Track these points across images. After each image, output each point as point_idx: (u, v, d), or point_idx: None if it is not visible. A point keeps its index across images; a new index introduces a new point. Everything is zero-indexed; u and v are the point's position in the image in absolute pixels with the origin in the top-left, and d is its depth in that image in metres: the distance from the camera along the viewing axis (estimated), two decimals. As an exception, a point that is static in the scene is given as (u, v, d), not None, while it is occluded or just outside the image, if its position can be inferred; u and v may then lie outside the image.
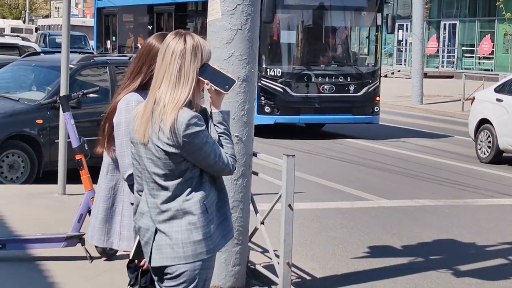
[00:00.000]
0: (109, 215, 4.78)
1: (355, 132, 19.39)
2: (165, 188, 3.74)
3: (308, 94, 18.20)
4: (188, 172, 3.72)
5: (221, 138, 3.78)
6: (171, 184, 3.72)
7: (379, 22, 19.07)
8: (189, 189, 3.72)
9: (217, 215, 3.80)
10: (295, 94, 18.03)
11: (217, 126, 3.78)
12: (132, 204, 4.28)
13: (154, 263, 3.78)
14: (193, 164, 3.71)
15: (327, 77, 18.26)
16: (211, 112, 3.80)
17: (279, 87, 17.89)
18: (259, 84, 17.35)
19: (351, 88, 18.44)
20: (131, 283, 4.06)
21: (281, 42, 18.62)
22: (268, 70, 17.92)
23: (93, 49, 28.66)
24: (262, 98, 17.80)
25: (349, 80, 18.47)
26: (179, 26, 19.84)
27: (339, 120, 18.85)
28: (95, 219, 4.83)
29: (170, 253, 3.73)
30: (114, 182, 4.75)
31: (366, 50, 19.99)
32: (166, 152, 3.69)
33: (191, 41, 3.74)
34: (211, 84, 3.74)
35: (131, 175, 4.22)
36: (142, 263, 4.00)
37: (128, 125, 3.97)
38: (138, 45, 23.66)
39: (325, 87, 18.17)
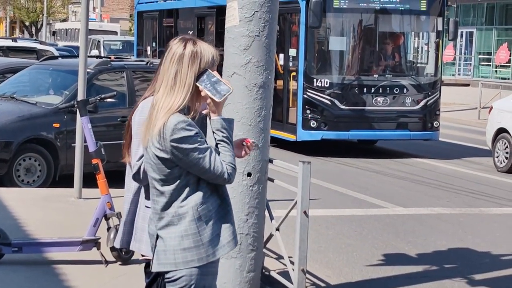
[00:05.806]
0: (132, 217, 4.79)
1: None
2: (162, 193, 3.75)
3: (359, 107, 16.42)
4: (182, 178, 3.70)
5: (218, 145, 3.73)
6: (167, 189, 3.72)
7: (439, 28, 17.27)
8: (184, 195, 3.71)
9: (216, 223, 3.76)
10: (344, 107, 16.27)
11: (215, 133, 3.74)
12: (147, 207, 4.31)
13: (152, 268, 3.82)
14: (188, 171, 3.70)
15: (380, 88, 16.49)
16: (210, 119, 3.76)
17: (326, 99, 16.18)
18: (304, 96, 16.20)
19: (408, 100, 16.68)
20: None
21: (329, 50, 16.99)
22: (315, 80, 16.22)
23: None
24: (308, 111, 16.18)
25: (405, 91, 16.66)
26: (220, 30, 18.50)
27: (394, 137, 17.15)
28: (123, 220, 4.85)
29: (163, 259, 3.75)
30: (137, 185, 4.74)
31: (425, 59, 18.22)
32: (158, 157, 3.70)
33: (191, 47, 3.73)
34: (205, 91, 3.70)
35: (134, 175, 4.28)
36: None
37: (140, 126, 4.01)
38: None
39: (379, 99, 16.44)
